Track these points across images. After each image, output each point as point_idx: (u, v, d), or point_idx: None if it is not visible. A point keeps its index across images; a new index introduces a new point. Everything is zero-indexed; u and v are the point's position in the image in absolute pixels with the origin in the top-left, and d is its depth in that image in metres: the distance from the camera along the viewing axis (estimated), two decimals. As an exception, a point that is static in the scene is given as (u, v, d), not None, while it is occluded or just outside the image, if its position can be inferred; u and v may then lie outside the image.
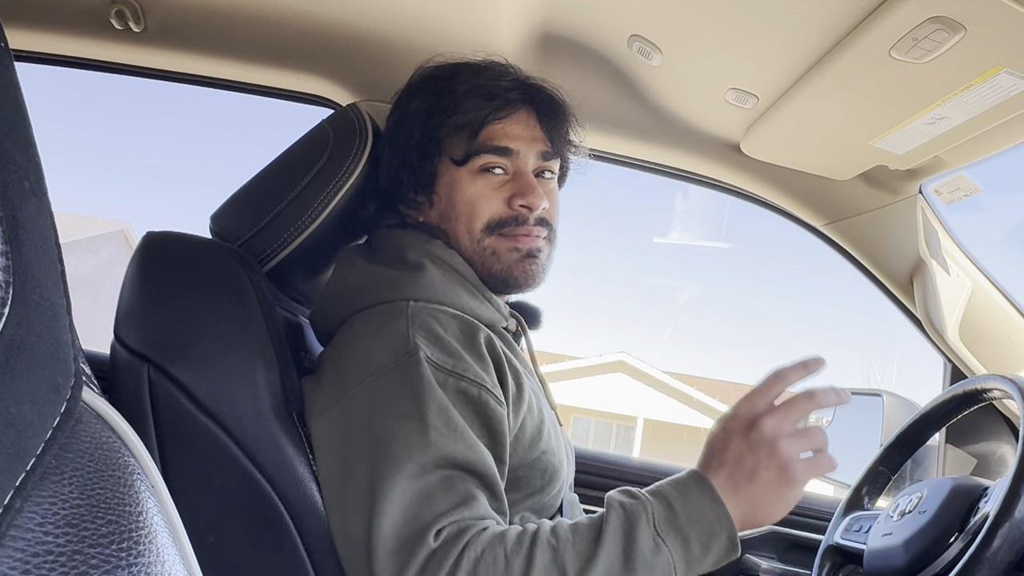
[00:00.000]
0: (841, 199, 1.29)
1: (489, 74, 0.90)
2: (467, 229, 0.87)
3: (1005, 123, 0.90)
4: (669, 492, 0.69)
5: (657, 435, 13.58)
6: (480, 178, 0.88)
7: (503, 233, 0.87)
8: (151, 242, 0.84)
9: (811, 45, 0.87)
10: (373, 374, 0.74)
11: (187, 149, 26.44)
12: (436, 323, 0.78)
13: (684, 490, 0.69)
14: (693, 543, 0.66)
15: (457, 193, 0.88)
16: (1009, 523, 0.73)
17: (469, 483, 0.69)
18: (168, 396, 0.76)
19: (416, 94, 0.91)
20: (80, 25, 1.16)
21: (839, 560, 1.01)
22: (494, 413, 0.74)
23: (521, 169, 0.88)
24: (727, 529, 0.67)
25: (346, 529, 0.71)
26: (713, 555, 0.67)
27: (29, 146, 0.29)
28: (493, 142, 0.87)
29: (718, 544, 0.67)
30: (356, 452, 0.72)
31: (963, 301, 1.24)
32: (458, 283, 0.85)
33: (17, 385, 0.26)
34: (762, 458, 0.68)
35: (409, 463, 0.68)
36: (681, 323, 25.93)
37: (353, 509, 0.70)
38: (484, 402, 0.74)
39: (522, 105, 0.90)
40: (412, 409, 0.71)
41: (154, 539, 0.31)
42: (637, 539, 0.65)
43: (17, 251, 0.26)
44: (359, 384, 0.74)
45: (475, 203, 0.87)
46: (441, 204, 0.90)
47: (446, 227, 0.89)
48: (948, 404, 1.01)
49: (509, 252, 0.87)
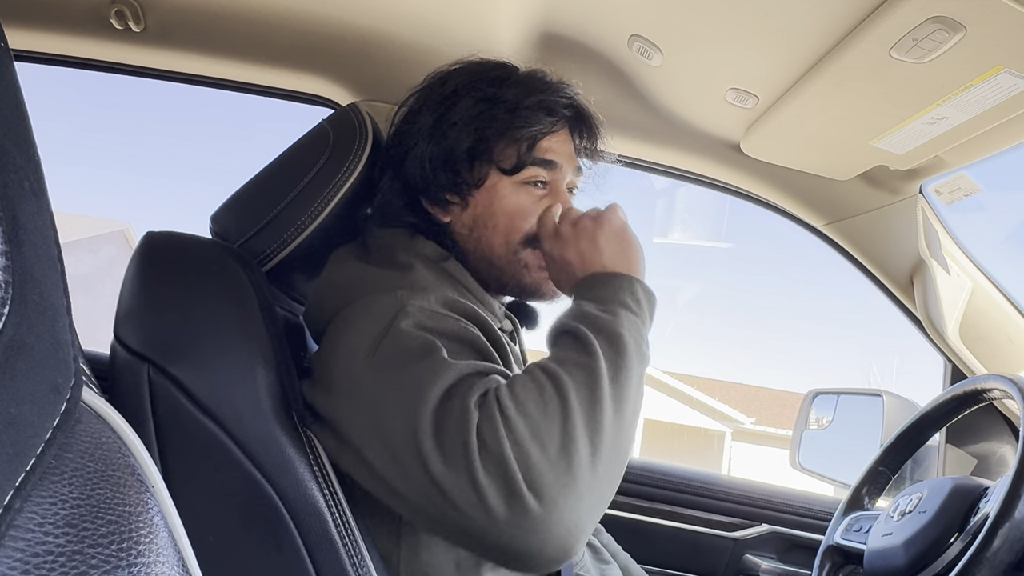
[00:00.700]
0: (841, 199, 1.30)
1: (549, 89, 0.92)
2: (505, 240, 0.89)
3: (1005, 123, 0.90)
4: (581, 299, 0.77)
5: (657, 435, 13.57)
6: (523, 190, 0.89)
7: (536, 248, 0.89)
8: (151, 242, 0.84)
9: (811, 45, 0.87)
10: (371, 349, 0.72)
11: (187, 149, 26.46)
12: (425, 299, 0.77)
13: (580, 299, 0.77)
14: (626, 298, 0.75)
15: (498, 202, 0.89)
16: (1009, 523, 0.73)
17: (483, 377, 0.69)
18: (168, 396, 0.76)
19: (467, 94, 0.90)
20: (80, 25, 1.16)
21: (839, 560, 1.01)
22: (490, 352, 0.75)
23: (559, 186, 0.91)
24: (629, 279, 0.77)
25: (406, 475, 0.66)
26: (641, 297, 0.77)
27: (29, 146, 0.29)
28: (544, 156, 0.89)
29: (629, 298, 0.75)
30: (385, 416, 0.68)
31: (963, 301, 1.24)
32: (448, 284, 0.85)
33: (17, 385, 0.26)
34: (590, 230, 0.81)
35: (430, 389, 0.66)
36: (681, 323, 25.95)
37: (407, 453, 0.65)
38: (479, 338, 0.74)
39: (567, 123, 0.94)
40: (414, 353, 0.69)
41: (154, 539, 0.31)
42: (602, 325, 0.71)
43: (17, 251, 0.26)
44: (361, 364, 0.72)
45: (516, 215, 0.89)
46: (477, 209, 0.89)
47: (478, 233, 0.89)
48: (948, 404, 1.01)
49: (540, 271, 0.90)
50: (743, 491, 1.47)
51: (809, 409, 1.56)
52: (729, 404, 13.73)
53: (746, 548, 1.41)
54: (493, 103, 0.88)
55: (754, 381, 21.87)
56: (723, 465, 13.47)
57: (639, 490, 1.44)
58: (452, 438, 0.62)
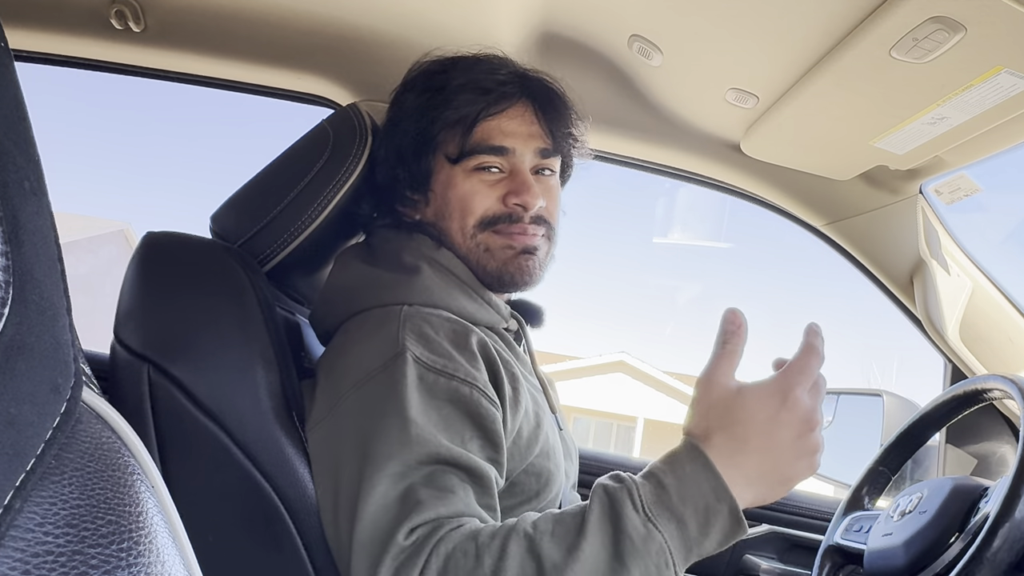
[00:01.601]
0: (841, 199, 1.29)
1: (483, 67, 0.88)
2: (460, 226, 0.86)
3: (1005, 123, 0.90)
4: (658, 468, 0.63)
5: (657, 435, 13.57)
6: (475, 176, 0.86)
7: (496, 230, 0.86)
8: (151, 242, 0.84)
9: (811, 45, 0.87)
10: (362, 381, 0.74)
11: (187, 149, 26.43)
12: (428, 326, 0.77)
13: (674, 463, 0.62)
14: (689, 522, 0.59)
15: (451, 191, 0.87)
16: (1009, 523, 0.73)
17: (452, 477, 0.67)
18: (168, 396, 0.76)
19: (411, 90, 0.90)
20: (80, 25, 1.16)
21: (839, 560, 1.01)
22: (487, 412, 0.73)
23: (517, 167, 0.86)
24: (726, 502, 0.59)
25: (336, 534, 0.70)
26: (716, 534, 0.60)
27: (29, 146, 0.29)
28: (488, 141, 0.85)
29: (719, 520, 0.59)
30: (345, 459, 0.71)
31: (963, 301, 1.24)
32: (455, 286, 0.85)
33: (17, 385, 0.26)
34: (778, 412, 0.61)
35: (390, 462, 0.66)
36: (681, 323, 25.94)
37: (342, 514, 0.69)
38: (476, 401, 0.73)
39: (519, 99, 0.87)
40: (394, 407, 0.70)
41: (154, 539, 0.31)
42: (624, 525, 0.59)
43: (17, 251, 0.26)
44: (349, 391, 0.74)
45: (468, 200, 0.85)
46: (436, 202, 0.89)
47: (441, 225, 0.88)
48: (948, 404, 1.01)
49: (503, 249, 0.86)
50: (743, 491, 1.47)
51: (809, 409, 1.55)
52: (729, 404, 13.69)
53: (746, 548, 1.41)
54: (432, 92, 0.86)
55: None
56: (723, 465, 13.43)
57: (639, 490, 1.44)
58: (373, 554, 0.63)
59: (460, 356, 0.75)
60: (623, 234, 28.35)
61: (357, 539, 0.64)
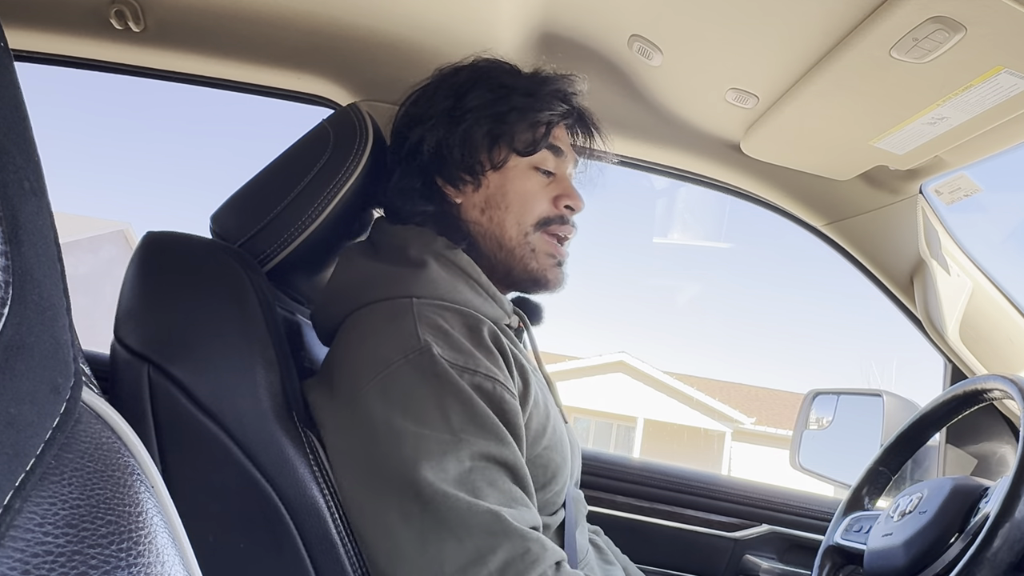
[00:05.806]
0: (841, 199, 1.30)
1: (563, 80, 0.96)
2: (517, 220, 0.91)
3: (1005, 123, 0.90)
4: None
5: (657, 435, 13.58)
6: (533, 175, 0.92)
7: (549, 231, 0.92)
8: (151, 242, 0.84)
9: (811, 45, 0.87)
10: (383, 370, 0.74)
11: (187, 149, 26.45)
12: (442, 320, 0.78)
13: None
14: None
15: (511, 183, 0.91)
16: (1009, 523, 0.73)
17: (500, 473, 0.71)
18: (168, 396, 0.76)
19: (479, 84, 0.93)
20: (80, 25, 1.16)
21: (839, 560, 1.01)
22: (510, 407, 0.75)
23: (564, 173, 0.96)
24: None
25: (389, 534, 0.71)
26: None
27: (29, 146, 0.29)
28: (556, 142, 0.93)
29: None
30: (383, 454, 0.71)
31: (963, 301, 1.24)
32: (461, 280, 0.85)
33: (17, 385, 0.26)
34: None
35: (447, 461, 0.70)
36: (681, 323, 25.95)
37: (395, 515, 0.70)
38: (500, 396, 0.75)
39: (573, 119, 0.99)
40: (436, 410, 0.71)
41: (154, 539, 0.31)
42: None
43: (17, 251, 0.26)
44: (369, 383, 0.74)
45: (529, 197, 0.91)
46: (490, 190, 0.91)
47: (490, 213, 0.91)
48: (948, 404, 1.01)
49: (546, 256, 0.92)
50: (743, 491, 1.47)
51: (809, 409, 1.56)
52: (729, 404, 13.73)
53: (746, 548, 1.41)
54: (509, 90, 0.92)
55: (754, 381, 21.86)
56: (723, 465, 13.47)
57: (639, 490, 1.44)
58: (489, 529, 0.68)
59: (478, 351, 0.77)
60: (623, 234, 28.37)
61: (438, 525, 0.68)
